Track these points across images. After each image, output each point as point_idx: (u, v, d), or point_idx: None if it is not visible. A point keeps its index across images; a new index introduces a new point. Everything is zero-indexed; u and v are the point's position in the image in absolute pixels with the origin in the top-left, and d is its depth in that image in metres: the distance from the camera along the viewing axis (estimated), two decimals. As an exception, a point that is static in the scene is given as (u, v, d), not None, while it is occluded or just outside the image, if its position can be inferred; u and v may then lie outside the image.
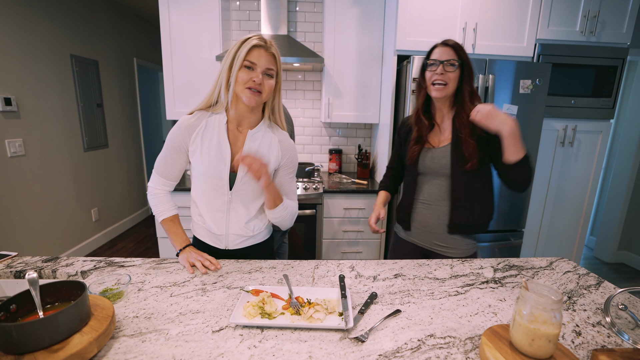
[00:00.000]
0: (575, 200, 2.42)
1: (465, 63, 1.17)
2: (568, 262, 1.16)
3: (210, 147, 1.06)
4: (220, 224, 1.12)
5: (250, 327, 0.76)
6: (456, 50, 1.16)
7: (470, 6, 2.07)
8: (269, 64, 0.99)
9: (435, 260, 1.16)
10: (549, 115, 2.23)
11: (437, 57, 1.17)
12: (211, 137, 1.07)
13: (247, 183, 1.09)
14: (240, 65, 0.97)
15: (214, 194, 1.09)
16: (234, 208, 1.11)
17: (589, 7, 2.12)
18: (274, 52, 1.01)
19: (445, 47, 1.17)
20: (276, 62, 1.02)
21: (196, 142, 1.07)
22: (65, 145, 2.97)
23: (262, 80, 0.99)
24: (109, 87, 3.55)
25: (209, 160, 1.06)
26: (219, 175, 1.07)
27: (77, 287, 0.74)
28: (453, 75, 1.16)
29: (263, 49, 0.98)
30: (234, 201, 1.11)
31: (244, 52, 0.96)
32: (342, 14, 2.36)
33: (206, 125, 1.07)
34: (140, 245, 3.53)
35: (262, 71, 0.99)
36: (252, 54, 0.97)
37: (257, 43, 0.97)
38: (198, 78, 2.39)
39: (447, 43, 1.18)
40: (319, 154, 2.93)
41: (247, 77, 0.98)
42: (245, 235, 1.15)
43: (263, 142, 1.11)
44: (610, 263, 3.27)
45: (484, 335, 0.69)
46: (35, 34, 2.62)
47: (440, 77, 1.15)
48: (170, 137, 1.08)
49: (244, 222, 1.13)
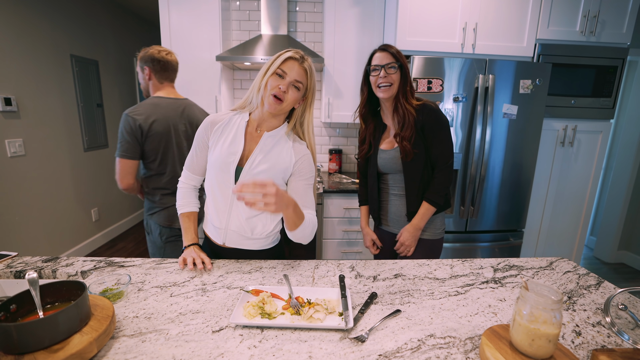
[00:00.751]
0: (575, 200, 2.42)
1: (403, 65, 1.30)
2: (568, 262, 1.16)
3: (226, 140, 1.10)
4: (221, 217, 1.13)
5: (250, 327, 0.76)
6: (393, 55, 1.29)
7: (470, 6, 2.07)
8: (299, 77, 1.03)
9: (435, 260, 1.16)
10: (549, 115, 2.23)
11: (378, 62, 1.30)
12: (229, 132, 1.11)
13: (253, 179, 1.09)
14: (272, 72, 1.02)
15: (221, 186, 1.11)
16: (237, 203, 1.12)
17: (589, 7, 2.12)
18: (307, 67, 1.05)
19: (384, 52, 1.31)
20: (307, 77, 1.05)
21: (215, 135, 1.12)
22: (65, 145, 2.97)
23: (287, 89, 1.02)
24: (109, 87, 3.55)
25: (220, 152, 1.09)
26: (227, 167, 1.09)
27: (77, 287, 0.74)
28: (395, 76, 1.29)
29: (297, 62, 1.03)
30: None
31: (279, 61, 1.02)
32: (342, 14, 2.36)
33: (229, 121, 1.13)
34: (140, 245, 3.53)
35: (290, 81, 1.02)
36: (286, 64, 1.02)
37: (292, 55, 1.02)
38: (198, 78, 2.39)
39: (385, 49, 1.31)
40: (319, 154, 2.93)
41: (275, 84, 1.02)
42: (244, 235, 1.14)
43: (277, 147, 1.10)
44: (610, 263, 3.27)
45: (484, 335, 0.69)
46: (35, 34, 2.62)
47: (384, 79, 1.29)
48: (197, 132, 1.16)
49: (244, 218, 1.12)
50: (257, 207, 0.86)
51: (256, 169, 1.08)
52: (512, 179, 2.16)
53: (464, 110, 2.02)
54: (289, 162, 1.11)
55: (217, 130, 1.12)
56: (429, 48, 2.11)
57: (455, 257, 2.19)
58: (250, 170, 1.09)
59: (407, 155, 1.32)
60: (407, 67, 1.32)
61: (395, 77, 1.30)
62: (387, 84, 1.29)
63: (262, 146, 1.10)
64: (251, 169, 1.09)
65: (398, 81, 1.30)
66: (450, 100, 2.00)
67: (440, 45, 2.12)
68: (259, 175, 1.09)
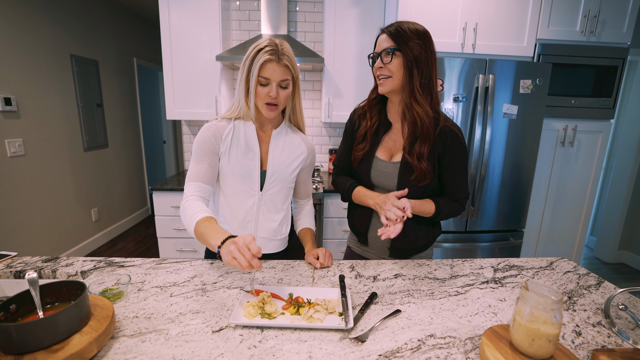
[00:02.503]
0: (575, 200, 2.42)
1: (408, 50, 0.96)
2: (568, 262, 1.16)
3: (239, 147, 1.08)
4: (248, 227, 1.12)
5: (250, 327, 0.76)
6: (392, 35, 0.98)
7: (470, 6, 2.07)
8: (283, 76, 1.00)
9: (436, 260, 1.16)
10: (549, 115, 2.23)
11: (377, 49, 1.04)
12: (238, 138, 1.08)
13: (277, 181, 1.12)
14: (255, 82, 1.00)
15: (244, 195, 1.10)
16: (263, 209, 1.12)
17: (589, 7, 2.12)
18: (286, 62, 1.00)
19: (383, 34, 1.01)
20: (290, 70, 1.02)
21: (226, 143, 1.07)
22: (65, 145, 2.97)
23: (277, 93, 1.01)
24: (108, 87, 3.55)
25: (237, 160, 1.07)
26: (250, 174, 1.08)
27: (77, 287, 0.74)
28: (394, 66, 0.99)
29: (275, 63, 0.98)
30: (264, 203, 1.12)
31: (256, 68, 0.97)
32: (342, 14, 2.36)
33: (234, 127, 1.09)
34: (140, 245, 3.53)
35: (276, 85, 1.01)
36: (265, 70, 0.98)
37: (268, 58, 0.97)
38: (198, 78, 2.39)
39: (385, 29, 1.02)
40: (319, 154, 2.92)
41: (264, 93, 1.01)
42: (273, 238, 1.16)
43: (287, 141, 1.14)
44: (610, 263, 3.27)
45: (484, 335, 0.69)
46: (35, 34, 2.61)
47: (380, 71, 1.02)
48: (199, 143, 1.05)
49: (275, 225, 1.15)
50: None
51: (279, 168, 1.11)
52: (512, 179, 2.16)
53: (464, 110, 2.02)
54: (303, 154, 1.17)
55: (226, 138, 1.06)
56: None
57: (455, 257, 2.19)
58: (275, 172, 1.10)
59: (421, 176, 1.04)
60: (416, 52, 0.97)
61: (395, 67, 0.99)
62: (385, 75, 1.02)
63: (275, 145, 1.12)
64: (275, 171, 1.10)
65: (401, 70, 0.99)
66: (450, 100, 2.00)
67: (440, 45, 2.09)
68: (283, 172, 1.12)
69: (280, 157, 1.12)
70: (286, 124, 1.16)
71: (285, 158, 1.13)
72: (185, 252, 2.40)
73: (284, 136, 1.14)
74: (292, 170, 1.14)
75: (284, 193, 1.16)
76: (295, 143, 1.16)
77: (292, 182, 1.18)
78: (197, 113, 2.42)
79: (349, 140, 1.20)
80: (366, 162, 1.13)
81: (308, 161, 1.20)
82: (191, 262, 1.09)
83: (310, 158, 1.20)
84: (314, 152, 1.22)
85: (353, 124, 1.19)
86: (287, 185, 1.16)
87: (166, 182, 2.40)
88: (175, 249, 2.39)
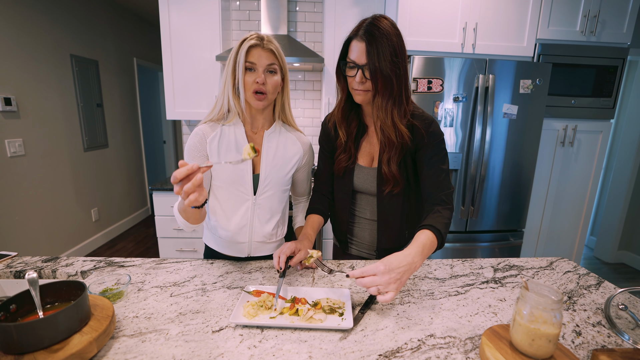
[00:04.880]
0: (575, 200, 2.42)
1: (386, 64, 0.87)
2: (568, 262, 1.16)
3: (228, 151, 1.04)
4: (244, 232, 1.10)
5: (250, 327, 0.76)
6: (370, 54, 0.88)
7: (470, 6, 2.07)
8: (269, 60, 0.98)
9: (435, 260, 1.16)
10: (549, 115, 2.23)
11: (354, 58, 0.91)
12: (228, 143, 1.04)
13: (271, 184, 1.09)
14: (243, 69, 0.96)
15: (237, 200, 1.07)
16: (257, 213, 1.10)
17: (589, 7, 2.12)
18: (272, 47, 0.98)
19: (361, 42, 0.89)
20: (276, 56, 0.99)
21: (212, 149, 1.03)
22: (65, 145, 2.97)
23: (264, 79, 0.97)
24: (108, 87, 3.55)
25: (228, 165, 1.03)
26: (242, 180, 1.05)
27: (77, 287, 0.74)
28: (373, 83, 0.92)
29: (260, 48, 0.96)
30: (259, 207, 1.10)
31: (242, 54, 0.95)
32: (342, 14, 2.36)
33: (221, 133, 1.04)
34: (140, 245, 3.53)
35: (264, 69, 0.98)
36: (252, 55, 0.96)
37: (253, 43, 0.95)
38: (198, 78, 2.39)
39: (361, 36, 0.89)
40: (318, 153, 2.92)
41: (251, 80, 0.97)
42: (268, 242, 1.15)
43: (281, 142, 1.10)
44: (610, 263, 3.27)
45: (484, 335, 0.69)
46: (35, 34, 2.62)
47: (363, 85, 0.93)
48: (189, 148, 1.04)
49: (271, 229, 1.13)
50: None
51: (272, 171, 1.08)
52: (512, 179, 2.16)
53: (464, 110, 2.02)
54: (298, 154, 1.13)
55: (212, 143, 1.03)
56: (429, 48, 2.11)
57: (455, 257, 2.19)
58: (269, 176, 1.07)
59: (392, 182, 1.00)
60: (393, 66, 0.89)
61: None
62: (364, 90, 0.95)
63: (268, 147, 1.08)
64: (268, 174, 1.07)
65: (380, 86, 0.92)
66: (450, 100, 2.00)
67: (440, 45, 2.12)
68: (277, 175, 1.08)
69: (273, 160, 1.08)
70: (279, 123, 1.12)
71: (278, 160, 1.09)
72: (185, 252, 2.40)
73: (277, 137, 1.10)
74: (287, 172, 1.12)
75: (279, 196, 1.13)
76: (289, 143, 1.12)
77: (287, 184, 1.15)
78: (197, 113, 2.42)
79: (326, 153, 1.16)
80: (350, 171, 1.10)
81: (304, 160, 1.17)
82: (191, 262, 1.09)
83: (306, 157, 1.17)
84: (310, 149, 1.18)
85: (328, 134, 1.13)
86: (282, 188, 1.13)
87: (166, 182, 2.40)
88: (175, 249, 2.39)
